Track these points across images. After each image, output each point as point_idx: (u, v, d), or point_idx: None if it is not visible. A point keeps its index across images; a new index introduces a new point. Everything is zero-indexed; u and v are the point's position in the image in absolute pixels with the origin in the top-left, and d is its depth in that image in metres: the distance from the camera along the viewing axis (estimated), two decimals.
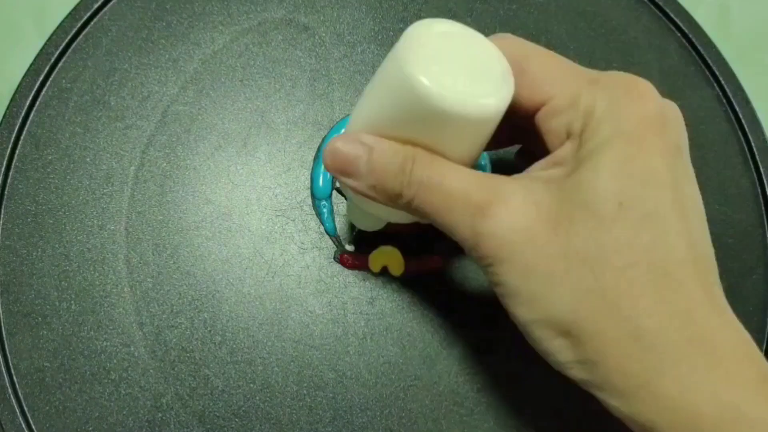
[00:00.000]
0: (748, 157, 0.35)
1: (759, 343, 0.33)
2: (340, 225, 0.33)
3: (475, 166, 0.24)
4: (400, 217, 0.26)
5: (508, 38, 0.24)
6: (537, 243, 0.21)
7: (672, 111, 0.22)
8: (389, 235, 0.33)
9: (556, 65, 0.23)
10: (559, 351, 0.22)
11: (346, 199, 0.33)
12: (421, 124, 0.22)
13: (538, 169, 0.23)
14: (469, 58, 0.22)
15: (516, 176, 0.23)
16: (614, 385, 0.21)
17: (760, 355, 0.21)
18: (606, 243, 0.20)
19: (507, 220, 0.21)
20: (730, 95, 0.35)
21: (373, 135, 0.23)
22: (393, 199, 0.23)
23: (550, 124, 0.23)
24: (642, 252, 0.20)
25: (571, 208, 0.21)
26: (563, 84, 0.22)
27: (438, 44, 0.22)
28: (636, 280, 0.20)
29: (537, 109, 0.23)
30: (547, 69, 0.23)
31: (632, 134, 0.21)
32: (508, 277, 0.21)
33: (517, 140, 0.27)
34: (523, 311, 0.22)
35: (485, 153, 0.33)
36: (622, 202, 0.20)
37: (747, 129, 0.35)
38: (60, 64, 0.33)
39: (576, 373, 0.22)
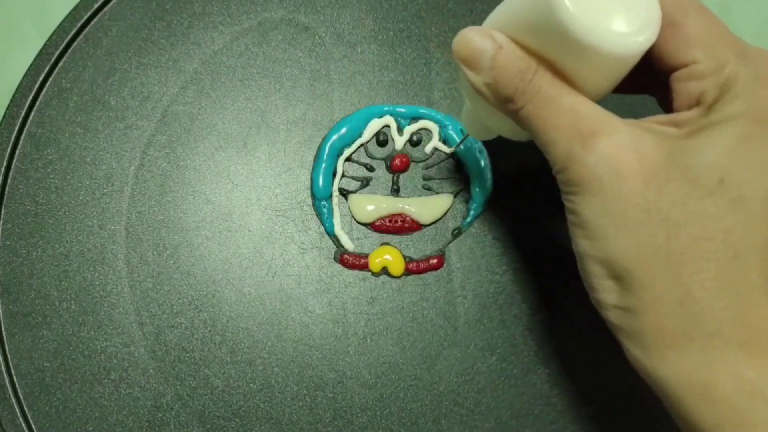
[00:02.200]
0: None
1: None
2: (340, 225, 0.33)
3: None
4: (509, 131, 0.26)
5: None
6: (625, 188, 0.21)
7: None
8: (388, 235, 0.33)
9: (712, 28, 0.22)
10: (605, 290, 0.23)
11: (346, 200, 0.33)
12: (553, 44, 0.22)
13: (653, 121, 0.23)
14: None
15: (629, 120, 0.23)
16: (645, 339, 0.22)
17: None
18: (692, 211, 0.21)
19: (605, 156, 0.21)
20: None
21: (505, 37, 0.23)
22: (503, 103, 0.23)
23: (686, 86, 0.23)
24: (722, 231, 0.21)
25: (671, 168, 0.21)
26: (713, 51, 0.22)
27: None
28: (705, 254, 0.21)
29: (676, 67, 0.23)
30: (701, 31, 0.22)
31: (760, 118, 0.21)
32: (585, 209, 0.22)
33: (640, 89, 0.26)
34: (586, 244, 0.23)
35: (485, 152, 0.33)
36: (723, 179, 0.21)
37: None
38: (60, 64, 0.33)
39: (612, 316, 0.23)
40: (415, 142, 0.33)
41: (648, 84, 0.25)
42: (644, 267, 0.21)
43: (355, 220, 0.33)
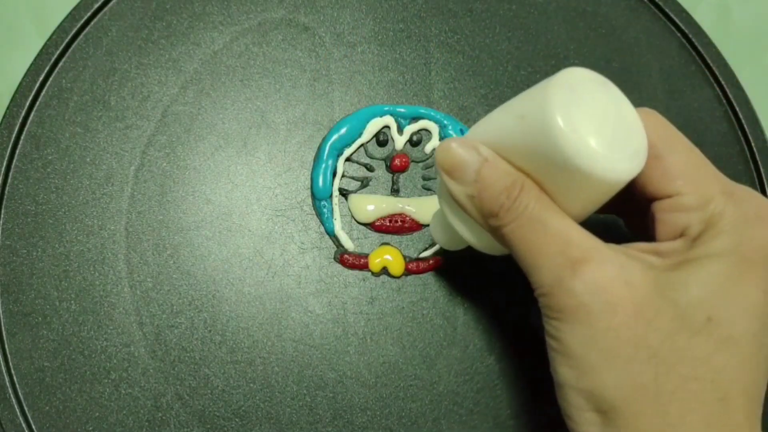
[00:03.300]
0: (748, 157, 0.35)
1: None
2: (341, 225, 0.33)
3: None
4: (484, 245, 0.26)
5: (653, 116, 0.23)
6: (613, 321, 0.21)
7: None
8: (388, 235, 0.33)
9: (696, 164, 0.23)
10: (586, 423, 0.22)
11: (346, 200, 0.33)
12: (541, 162, 0.21)
13: (636, 249, 0.23)
14: (611, 118, 0.21)
15: (616, 247, 0.22)
16: None
17: None
18: (681, 350, 0.20)
19: (594, 285, 0.21)
20: (730, 95, 0.35)
21: (491, 150, 0.23)
22: (486, 217, 0.23)
23: (669, 217, 0.22)
24: (711, 371, 0.20)
25: (659, 304, 0.21)
26: (697, 185, 0.22)
27: (588, 93, 0.21)
28: (693, 394, 0.20)
29: (659, 197, 0.23)
30: (684, 165, 0.22)
31: (747, 258, 0.21)
32: (570, 338, 0.21)
33: (609, 210, 0.26)
34: (568, 374, 0.22)
35: None
36: (711, 318, 0.20)
37: (747, 129, 0.35)
38: (60, 64, 0.33)
39: None
40: (415, 142, 0.33)
41: (618, 207, 0.25)
42: (631, 404, 0.21)
43: (355, 220, 0.33)
